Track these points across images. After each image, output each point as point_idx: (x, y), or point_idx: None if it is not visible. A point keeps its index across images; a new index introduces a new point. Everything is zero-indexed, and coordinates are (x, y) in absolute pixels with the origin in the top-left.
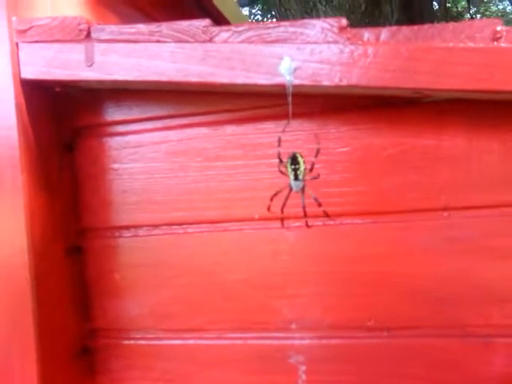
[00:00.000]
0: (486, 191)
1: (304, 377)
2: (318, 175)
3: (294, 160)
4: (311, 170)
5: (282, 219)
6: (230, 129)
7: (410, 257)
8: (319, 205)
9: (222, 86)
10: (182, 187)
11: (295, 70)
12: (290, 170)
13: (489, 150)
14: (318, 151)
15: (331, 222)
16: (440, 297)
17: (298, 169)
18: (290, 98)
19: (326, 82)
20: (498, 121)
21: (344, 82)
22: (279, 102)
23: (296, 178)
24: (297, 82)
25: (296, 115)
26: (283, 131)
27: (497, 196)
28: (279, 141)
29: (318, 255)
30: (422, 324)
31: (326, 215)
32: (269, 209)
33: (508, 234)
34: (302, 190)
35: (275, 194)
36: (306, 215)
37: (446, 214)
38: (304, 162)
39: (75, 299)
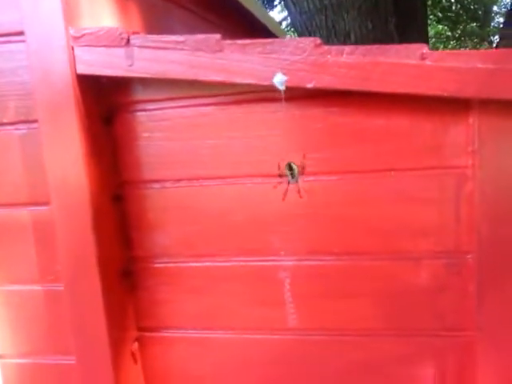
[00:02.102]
0: (421, 157)
1: (288, 286)
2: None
3: (290, 167)
4: (303, 171)
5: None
6: (232, 109)
7: (366, 204)
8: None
9: (223, 83)
10: (198, 152)
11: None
12: (288, 173)
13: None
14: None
15: (311, 178)
16: (384, 231)
17: (292, 172)
18: (283, 103)
19: (307, 85)
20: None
21: (318, 85)
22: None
23: (292, 177)
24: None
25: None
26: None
27: (428, 161)
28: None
29: (300, 203)
30: (372, 250)
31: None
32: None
33: (432, 188)
34: (297, 180)
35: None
36: (299, 193)
37: (392, 173)
38: (297, 167)
39: (120, 234)
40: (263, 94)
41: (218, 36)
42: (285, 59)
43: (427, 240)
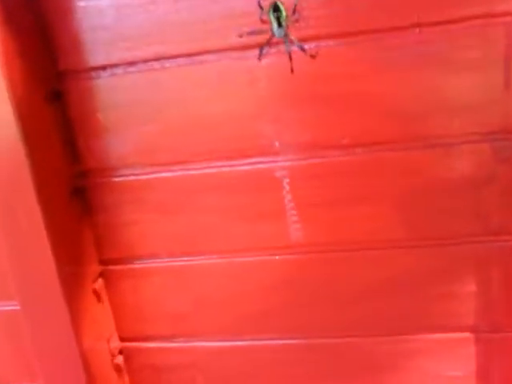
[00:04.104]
0: (456, 5)
1: (288, 187)
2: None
3: (275, 8)
4: (294, 11)
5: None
6: None
7: (383, 76)
8: (303, 50)
9: None
10: (153, 20)
11: None
12: (272, 18)
13: None
14: None
15: (306, 47)
16: (407, 111)
17: (280, 16)
18: None
19: None
20: None
21: None
22: None
23: (279, 25)
24: None
25: None
26: None
27: (465, 9)
28: None
29: (294, 79)
30: (392, 139)
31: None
32: (241, 36)
33: (472, 46)
34: (286, 36)
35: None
36: (290, 59)
37: (417, 30)
38: (285, 9)
39: (63, 142)
40: None
41: None
42: None
43: (465, 119)
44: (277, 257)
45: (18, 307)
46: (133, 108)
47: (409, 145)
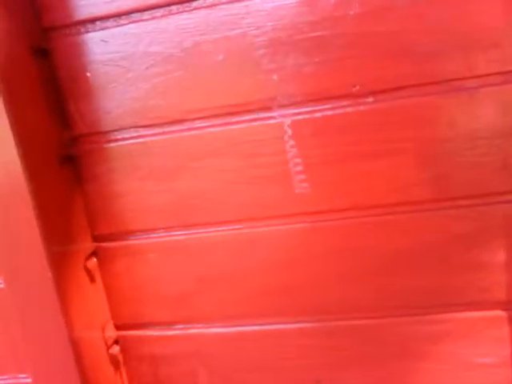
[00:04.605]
0: None
1: (293, 142)
2: None
3: None
4: None
5: None
6: None
7: (392, 11)
8: None
9: None
10: None
11: None
12: None
13: None
14: None
15: None
16: (424, 51)
17: None
18: None
19: None
20: None
21: None
22: None
23: None
24: None
25: None
26: None
27: None
28: None
29: (298, 24)
30: (407, 84)
31: None
32: None
33: None
34: None
35: None
36: None
37: None
38: None
39: (50, 106)
40: None
41: None
42: None
43: (487, 56)
44: (282, 227)
45: (2, 285)
46: (123, 65)
47: (426, 90)
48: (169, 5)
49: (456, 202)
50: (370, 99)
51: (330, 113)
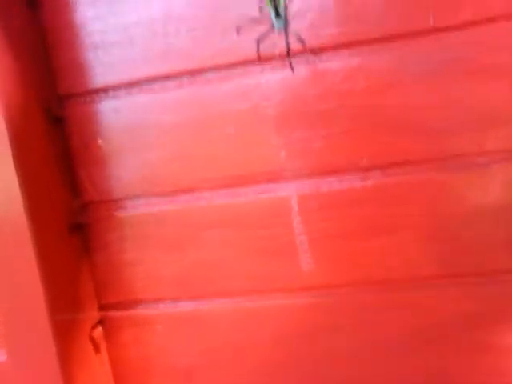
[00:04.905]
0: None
1: (300, 228)
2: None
3: None
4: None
5: (258, 55)
6: None
7: (400, 87)
8: (302, 42)
9: None
10: (155, 40)
11: None
12: (270, 6)
13: None
14: None
15: (315, 60)
16: (433, 126)
17: (278, 4)
18: None
19: None
20: None
21: None
22: None
23: (277, 14)
24: None
25: None
26: None
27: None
28: None
29: (302, 96)
30: (414, 158)
31: (312, 52)
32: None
33: (501, 48)
34: (285, 29)
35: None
36: (289, 56)
37: (434, 34)
38: None
39: (62, 173)
40: None
41: None
42: None
43: (496, 133)
44: (286, 301)
45: (4, 357)
46: (135, 133)
47: (435, 165)
48: (181, 76)
49: (464, 279)
50: (378, 173)
51: (336, 186)
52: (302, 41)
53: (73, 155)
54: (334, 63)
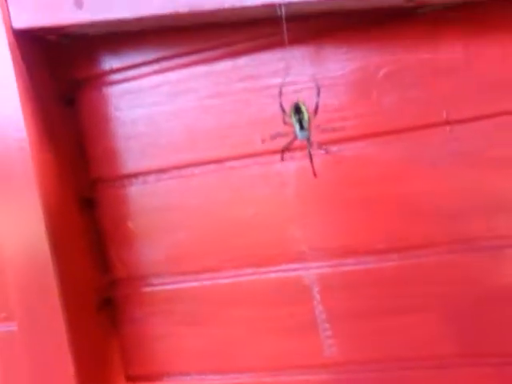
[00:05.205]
0: (487, 100)
1: (321, 307)
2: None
3: (297, 109)
4: (316, 111)
5: (282, 157)
6: (226, 64)
7: (415, 175)
8: (327, 152)
9: (211, 13)
10: (183, 128)
11: None
12: (294, 120)
13: (487, 57)
14: (318, 91)
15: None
16: (447, 210)
17: (302, 118)
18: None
19: None
20: (496, 23)
21: None
22: (273, 30)
23: (301, 127)
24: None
25: (291, 41)
26: (282, 83)
27: (497, 105)
28: (280, 92)
29: (322, 182)
30: (431, 242)
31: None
32: (263, 141)
33: (509, 144)
34: (308, 139)
35: (275, 137)
36: (311, 162)
37: (448, 128)
38: (307, 109)
39: (92, 251)
40: (267, 40)
41: None
42: None
43: (508, 219)
44: (309, 376)
45: None
46: (163, 215)
47: (449, 248)
48: (207, 163)
49: (483, 359)
50: (395, 256)
51: (355, 268)
52: (327, 151)
53: (103, 235)
54: (350, 151)
